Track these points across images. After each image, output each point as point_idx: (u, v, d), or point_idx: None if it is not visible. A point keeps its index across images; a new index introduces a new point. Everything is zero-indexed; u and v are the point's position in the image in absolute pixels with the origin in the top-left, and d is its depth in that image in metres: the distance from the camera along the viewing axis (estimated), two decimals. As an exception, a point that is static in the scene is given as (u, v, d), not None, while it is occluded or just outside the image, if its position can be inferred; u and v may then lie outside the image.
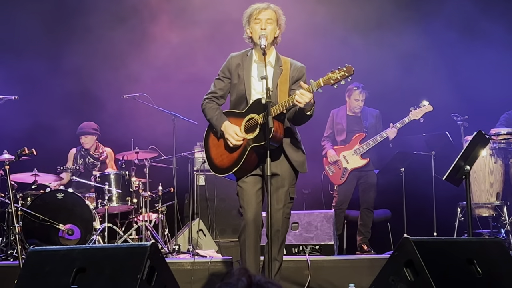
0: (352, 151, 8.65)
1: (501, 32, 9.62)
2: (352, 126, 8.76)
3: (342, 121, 8.81)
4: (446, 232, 8.36)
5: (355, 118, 8.81)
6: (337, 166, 8.63)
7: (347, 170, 8.61)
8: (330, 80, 4.94)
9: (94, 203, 8.49)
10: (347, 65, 4.93)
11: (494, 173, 8.49)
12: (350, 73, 4.91)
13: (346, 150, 8.68)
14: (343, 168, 8.62)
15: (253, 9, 5.38)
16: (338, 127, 8.82)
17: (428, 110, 8.43)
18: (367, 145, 8.58)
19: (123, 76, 9.81)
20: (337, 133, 8.82)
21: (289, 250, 7.34)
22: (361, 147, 8.60)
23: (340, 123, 8.81)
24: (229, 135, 5.27)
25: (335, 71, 4.94)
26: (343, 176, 8.61)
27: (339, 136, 8.79)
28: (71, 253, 4.36)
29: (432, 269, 4.11)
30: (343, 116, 8.83)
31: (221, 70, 5.52)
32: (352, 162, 8.63)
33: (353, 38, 9.65)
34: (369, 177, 8.68)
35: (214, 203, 9.31)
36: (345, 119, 8.80)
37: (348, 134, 8.73)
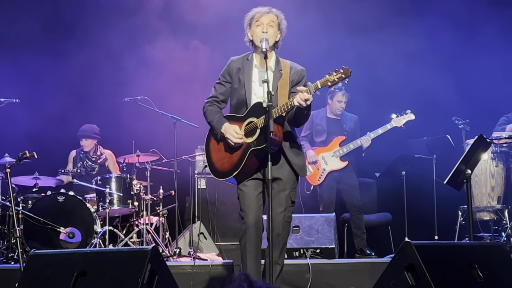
0: (331, 153, 8.65)
1: (502, 34, 9.62)
2: (332, 128, 8.77)
3: (322, 122, 8.81)
4: (447, 236, 8.36)
5: (335, 121, 8.82)
6: (316, 166, 8.62)
7: (325, 171, 8.61)
8: (327, 82, 4.94)
9: (95, 206, 8.49)
10: (344, 67, 4.93)
11: (495, 176, 8.48)
12: (347, 75, 4.92)
13: (325, 151, 8.68)
14: (322, 169, 8.62)
15: (254, 12, 5.38)
16: (317, 128, 8.81)
17: (410, 119, 8.44)
18: (347, 148, 8.59)
19: (124, 79, 9.82)
20: (316, 134, 8.81)
21: (290, 253, 7.33)
22: (341, 150, 8.61)
23: (320, 124, 8.81)
24: (229, 134, 5.27)
25: (332, 73, 4.94)
26: (321, 177, 8.61)
27: (318, 137, 8.79)
28: (72, 256, 4.36)
29: (433, 273, 4.11)
30: (323, 118, 8.83)
31: (221, 74, 5.52)
32: (331, 164, 8.63)
33: (351, 40, 9.63)
34: (349, 179, 8.67)
35: (215, 206, 9.31)
36: (325, 120, 8.81)
37: (328, 136, 8.73)
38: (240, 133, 5.26)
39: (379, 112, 9.04)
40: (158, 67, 9.93)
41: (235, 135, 5.25)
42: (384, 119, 8.76)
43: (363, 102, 9.26)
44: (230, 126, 5.31)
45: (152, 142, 9.16)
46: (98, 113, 9.88)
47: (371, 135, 8.49)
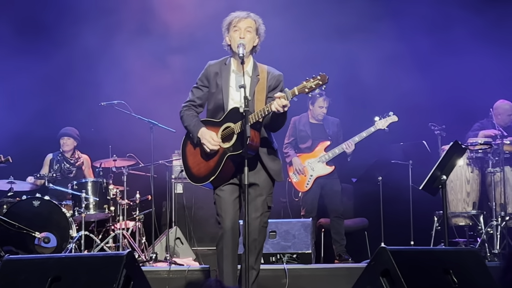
0: (317, 159, 8.65)
1: (476, 40, 9.68)
2: (316, 134, 8.77)
3: (306, 128, 8.81)
4: (423, 241, 8.39)
5: (318, 126, 8.82)
6: (302, 173, 8.62)
7: (312, 177, 8.61)
8: (304, 88, 4.96)
9: (71, 211, 8.44)
10: (321, 74, 4.95)
11: (471, 182, 8.54)
12: (324, 81, 4.93)
13: (311, 157, 8.68)
14: (309, 175, 8.62)
15: (232, 17, 5.38)
16: (301, 134, 8.81)
17: (393, 121, 8.42)
18: (332, 153, 8.59)
19: (101, 83, 9.76)
20: (300, 141, 8.80)
21: (266, 258, 7.34)
22: (327, 155, 8.61)
23: (304, 130, 8.80)
24: (205, 140, 5.26)
25: (309, 80, 4.95)
26: (308, 183, 8.61)
27: (303, 144, 8.78)
28: (46, 261, 4.33)
29: (408, 278, 4.12)
30: (306, 123, 8.83)
31: (199, 79, 5.52)
32: (318, 170, 8.63)
33: (328, 44, 9.65)
34: (333, 184, 8.68)
35: (192, 211, 9.28)
36: (308, 126, 8.81)
37: (313, 141, 8.73)
38: (216, 140, 5.25)
39: (358, 117, 9.07)
40: (135, 72, 9.87)
41: (212, 142, 5.25)
42: (362, 123, 8.79)
43: (342, 106, 9.26)
44: (207, 131, 5.30)
45: (128, 146, 9.12)
46: (74, 117, 9.81)
47: (356, 139, 8.49)
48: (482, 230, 8.38)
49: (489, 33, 9.58)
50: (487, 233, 8.30)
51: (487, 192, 8.63)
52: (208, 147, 5.25)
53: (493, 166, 8.43)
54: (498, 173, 8.39)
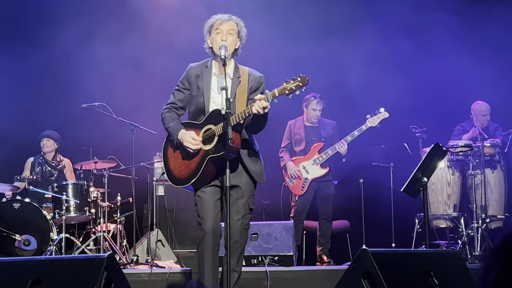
0: (311, 161, 8.64)
1: (457, 43, 9.73)
2: (310, 136, 8.76)
3: (300, 131, 8.81)
4: (404, 243, 8.42)
5: (313, 128, 8.81)
6: (298, 177, 8.61)
7: (308, 180, 8.61)
8: (284, 90, 4.96)
9: (51, 213, 8.39)
10: (301, 75, 4.95)
11: (452, 184, 8.59)
12: (304, 83, 4.94)
13: (305, 160, 8.67)
14: (304, 178, 8.61)
15: (214, 19, 5.38)
16: (296, 137, 8.81)
17: (384, 117, 8.42)
18: (326, 154, 8.59)
19: (81, 85, 9.71)
20: (295, 144, 8.81)
21: (248, 261, 7.33)
22: (320, 157, 8.61)
23: (298, 133, 8.81)
24: (186, 141, 5.25)
25: (289, 82, 4.96)
26: (304, 186, 8.60)
27: (297, 147, 8.78)
28: (26, 264, 4.29)
29: (390, 280, 4.13)
30: (301, 127, 8.82)
31: (180, 81, 5.51)
32: (313, 172, 8.62)
33: (309, 46, 9.67)
34: (327, 187, 8.68)
35: (174, 213, 9.26)
36: (303, 129, 8.80)
37: (307, 144, 8.73)
38: (197, 139, 5.25)
39: (340, 118, 9.08)
40: (116, 73, 9.82)
41: (193, 142, 5.24)
42: (344, 125, 8.81)
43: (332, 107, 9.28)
44: (186, 132, 5.30)
45: (109, 148, 9.09)
46: (54, 119, 9.75)
47: (348, 138, 8.48)
48: (463, 232, 8.43)
49: (468, 35, 9.63)
50: (468, 235, 8.35)
51: (467, 195, 8.68)
52: (190, 148, 5.25)
53: (473, 168, 8.48)
54: (478, 176, 8.44)
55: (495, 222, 8.60)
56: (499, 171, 8.63)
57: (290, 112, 8.87)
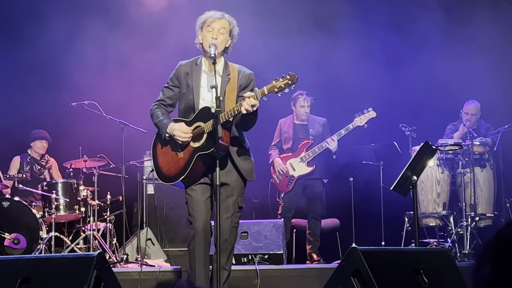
0: (298, 159, 8.66)
1: (447, 41, 9.76)
2: (298, 134, 8.77)
3: (289, 129, 8.82)
4: (393, 242, 8.44)
5: (302, 126, 8.83)
6: (284, 174, 8.63)
7: (294, 177, 8.62)
8: (274, 88, 4.96)
9: (41, 212, 8.37)
10: (290, 73, 4.96)
11: (441, 183, 8.61)
12: (293, 81, 4.94)
13: (293, 158, 8.69)
14: (290, 175, 8.63)
15: (207, 16, 5.37)
16: (285, 136, 8.83)
17: (372, 117, 8.47)
18: (313, 152, 8.60)
19: (71, 83, 9.68)
20: (284, 142, 8.82)
21: (238, 259, 7.33)
22: (307, 154, 8.62)
23: (287, 132, 8.83)
24: (176, 131, 5.24)
25: (278, 79, 4.97)
26: (290, 183, 8.62)
27: (285, 145, 8.80)
28: (15, 263, 4.28)
29: (379, 278, 4.14)
30: (290, 125, 8.84)
31: (170, 79, 5.51)
32: (299, 170, 8.64)
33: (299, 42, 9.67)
34: (315, 186, 8.69)
35: (163, 212, 9.25)
36: (292, 127, 8.82)
37: (294, 142, 8.74)
38: (187, 130, 5.24)
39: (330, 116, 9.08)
40: (105, 71, 9.79)
41: (183, 133, 5.23)
42: (333, 123, 8.82)
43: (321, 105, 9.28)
44: (176, 124, 5.30)
45: (99, 147, 9.07)
46: (43, 118, 9.71)
47: (335, 137, 8.51)
48: (452, 230, 8.45)
49: (457, 32, 9.66)
50: (457, 234, 8.37)
51: (457, 193, 8.70)
52: (181, 139, 5.23)
53: (463, 167, 8.51)
54: (468, 174, 8.46)
55: (484, 220, 8.62)
56: (489, 169, 8.66)
57: (283, 110, 8.88)
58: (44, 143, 9.35)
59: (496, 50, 9.66)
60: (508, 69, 9.68)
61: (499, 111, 9.42)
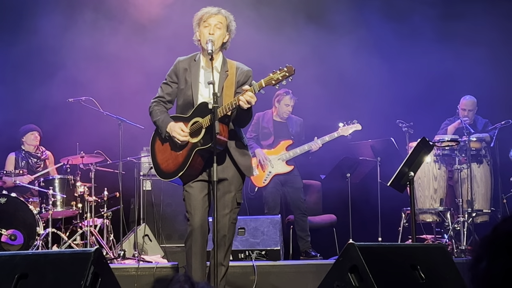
0: (278, 156, 8.64)
1: (445, 36, 9.76)
2: (279, 132, 8.76)
3: (268, 125, 8.79)
4: (390, 238, 8.45)
5: (282, 124, 8.81)
6: (261, 168, 8.62)
7: (271, 174, 8.61)
8: (271, 80, 4.97)
9: (37, 208, 8.36)
10: (288, 65, 4.96)
11: (438, 179, 8.61)
12: (291, 73, 4.95)
13: (272, 154, 8.67)
14: (267, 171, 8.62)
15: (203, 12, 5.37)
16: (264, 131, 8.79)
17: (356, 129, 8.55)
18: (294, 152, 8.60)
19: (68, 79, 9.66)
20: (262, 137, 8.79)
21: (235, 255, 7.33)
22: (288, 154, 8.62)
23: (266, 127, 8.79)
24: (175, 132, 5.25)
25: (276, 72, 4.97)
26: (266, 179, 8.61)
27: (265, 141, 8.76)
28: (13, 259, 4.28)
29: (376, 274, 4.14)
30: (270, 121, 8.81)
31: (168, 75, 5.51)
32: (277, 167, 8.63)
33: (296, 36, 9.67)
34: (294, 182, 8.68)
35: (161, 208, 9.25)
36: (271, 123, 8.79)
37: (275, 139, 8.73)
38: (186, 130, 5.25)
39: (324, 115, 9.09)
40: (103, 67, 9.76)
41: (181, 133, 5.24)
42: (323, 126, 8.82)
43: (307, 103, 9.27)
44: (175, 124, 5.30)
45: (96, 143, 9.05)
46: (41, 114, 9.68)
47: (319, 141, 8.52)
48: (449, 226, 8.46)
49: (456, 29, 9.67)
50: (454, 230, 8.38)
51: (454, 189, 8.71)
52: (179, 139, 5.25)
53: (460, 163, 8.51)
54: (465, 170, 8.47)
55: (481, 216, 8.63)
56: (485, 165, 8.66)
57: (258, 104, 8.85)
58: (36, 134, 9.32)
59: (493, 45, 9.66)
60: (504, 64, 9.69)
61: (496, 107, 9.43)
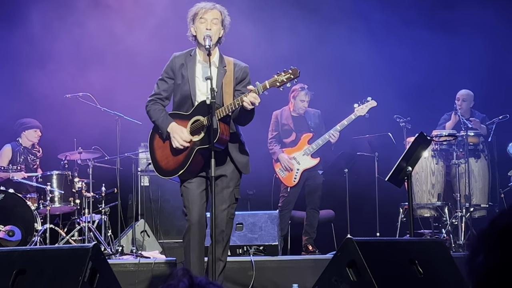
0: (302, 152, 8.59)
1: (443, 32, 9.75)
2: (299, 126, 8.72)
3: (288, 122, 8.75)
4: (388, 233, 8.45)
5: (300, 118, 8.77)
6: (289, 168, 8.56)
7: (299, 171, 8.56)
8: (276, 82, 4.97)
9: (35, 204, 8.35)
10: (292, 68, 4.96)
11: (436, 174, 8.62)
12: (295, 75, 4.95)
13: (296, 151, 8.61)
14: (295, 169, 8.57)
15: (198, 8, 5.35)
16: (285, 128, 8.76)
17: (372, 106, 8.35)
18: (316, 144, 8.54)
19: (65, 75, 9.64)
20: (284, 135, 8.75)
21: (233, 250, 7.34)
22: (311, 147, 8.57)
23: (286, 124, 8.75)
24: (177, 135, 5.23)
25: (281, 74, 4.97)
26: (296, 177, 8.55)
27: (286, 138, 8.72)
28: (11, 254, 4.29)
29: (374, 269, 4.15)
30: (289, 117, 8.76)
31: (164, 71, 5.49)
32: (304, 163, 8.57)
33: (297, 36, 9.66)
34: (316, 177, 8.66)
35: (158, 204, 9.25)
36: (291, 119, 8.74)
37: (297, 135, 8.69)
38: (187, 136, 5.22)
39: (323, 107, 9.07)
40: (99, 62, 9.74)
41: (182, 139, 5.20)
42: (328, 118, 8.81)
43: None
44: (177, 127, 5.27)
45: (94, 139, 9.04)
46: (39, 110, 9.66)
47: (338, 127, 8.44)
48: (447, 221, 8.47)
49: (453, 23, 9.67)
50: (452, 224, 8.40)
51: (451, 184, 8.72)
52: (179, 143, 5.22)
53: (457, 157, 8.52)
54: (462, 165, 8.48)
55: (479, 211, 8.65)
56: (483, 160, 8.67)
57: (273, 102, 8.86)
58: (38, 132, 9.29)
59: (491, 40, 9.66)
60: (502, 58, 9.69)
61: (494, 102, 9.43)
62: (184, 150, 5.26)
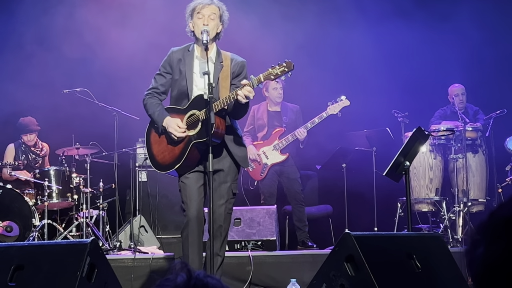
0: (271, 147, 8.60)
1: (437, 26, 9.74)
2: (273, 122, 8.72)
3: (263, 116, 8.75)
4: (386, 227, 8.45)
5: (276, 113, 8.76)
6: (257, 161, 8.58)
7: (267, 165, 8.58)
8: (270, 75, 4.97)
9: (33, 200, 8.35)
10: (287, 61, 4.97)
11: (434, 169, 8.62)
12: (290, 68, 4.95)
13: (266, 145, 8.63)
14: (263, 163, 8.59)
15: (196, 3, 5.36)
16: (259, 123, 8.76)
17: (345, 105, 8.31)
18: (286, 140, 8.55)
19: (62, 69, 9.62)
20: (258, 129, 8.76)
21: (231, 246, 7.34)
22: (280, 142, 8.57)
23: (261, 118, 8.76)
24: (171, 128, 5.25)
25: (275, 67, 4.97)
26: (263, 171, 8.58)
27: (260, 132, 8.73)
28: (8, 250, 4.29)
29: (372, 264, 4.16)
30: (264, 112, 8.76)
31: (162, 65, 5.50)
32: (272, 158, 8.59)
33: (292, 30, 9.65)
34: (290, 172, 8.63)
35: (156, 199, 9.26)
36: (266, 114, 8.74)
37: (268, 130, 8.69)
38: (182, 126, 5.24)
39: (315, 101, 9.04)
40: (97, 57, 9.72)
41: (178, 130, 5.23)
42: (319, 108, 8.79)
43: (300, 90, 9.23)
44: (172, 119, 5.29)
45: (91, 134, 9.03)
46: (36, 105, 9.64)
47: (308, 125, 8.45)
48: (444, 216, 8.47)
49: (448, 20, 9.67)
50: (449, 219, 8.39)
51: (449, 178, 8.72)
52: (175, 135, 5.24)
53: (455, 152, 8.52)
54: (460, 160, 8.48)
55: (476, 206, 8.65)
56: (481, 155, 8.67)
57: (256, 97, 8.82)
58: (29, 137, 9.23)
59: (487, 33, 9.66)
60: (498, 52, 9.69)
61: (491, 96, 9.43)
62: (180, 143, 5.26)
